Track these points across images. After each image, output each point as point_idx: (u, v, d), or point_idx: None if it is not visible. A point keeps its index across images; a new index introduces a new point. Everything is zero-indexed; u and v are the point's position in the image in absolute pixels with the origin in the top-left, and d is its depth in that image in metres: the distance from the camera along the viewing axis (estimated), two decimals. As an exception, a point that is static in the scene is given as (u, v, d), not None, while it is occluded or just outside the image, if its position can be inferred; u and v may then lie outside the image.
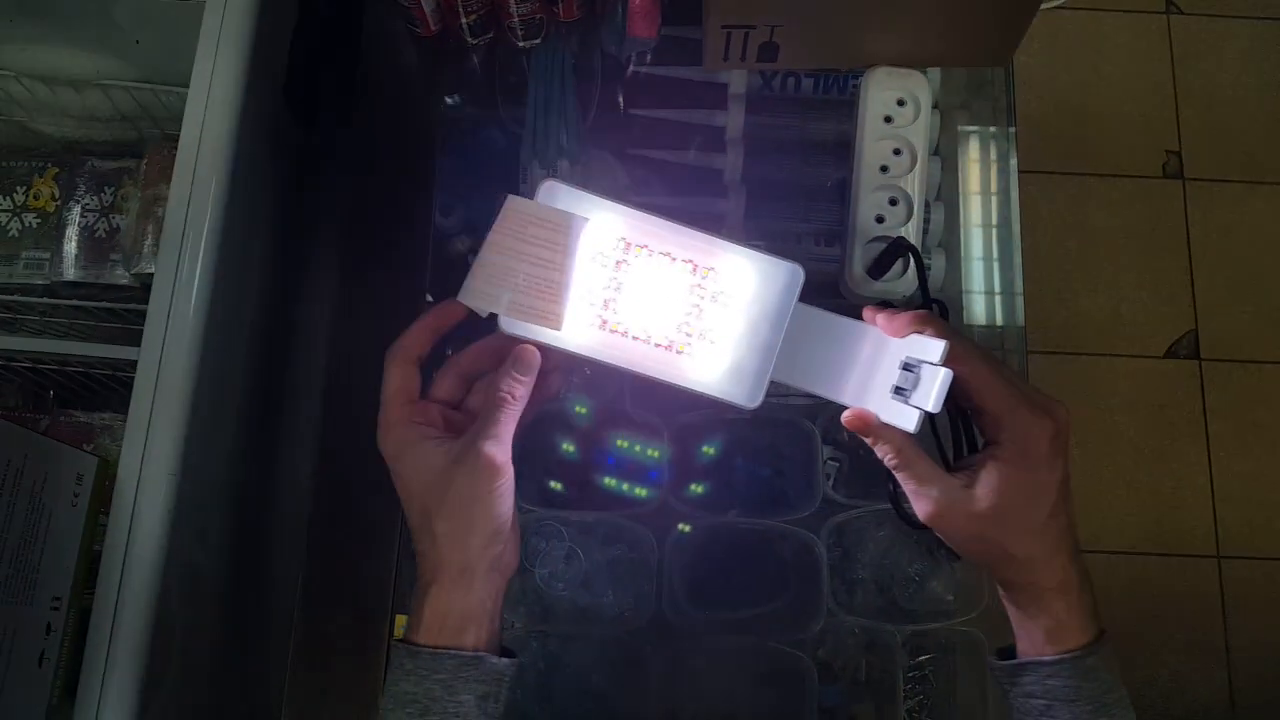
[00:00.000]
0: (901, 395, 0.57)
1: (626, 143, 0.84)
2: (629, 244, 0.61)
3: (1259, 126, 2.00)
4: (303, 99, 0.85)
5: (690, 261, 0.61)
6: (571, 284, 0.59)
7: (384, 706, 0.56)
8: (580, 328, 0.61)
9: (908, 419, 0.56)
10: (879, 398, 0.59)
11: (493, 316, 0.59)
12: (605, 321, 0.61)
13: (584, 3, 0.80)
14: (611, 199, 0.60)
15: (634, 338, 0.61)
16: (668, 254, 0.61)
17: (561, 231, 0.59)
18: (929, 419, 0.57)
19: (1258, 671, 1.75)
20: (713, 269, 0.61)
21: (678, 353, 0.62)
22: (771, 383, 0.62)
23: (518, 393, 0.58)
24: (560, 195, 0.60)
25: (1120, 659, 0.58)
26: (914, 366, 0.57)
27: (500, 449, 0.56)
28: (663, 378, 0.61)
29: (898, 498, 0.67)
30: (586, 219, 0.59)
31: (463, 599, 0.56)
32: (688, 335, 0.61)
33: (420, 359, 0.61)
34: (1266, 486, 1.83)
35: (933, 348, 0.55)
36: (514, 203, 0.59)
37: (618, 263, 0.61)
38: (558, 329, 0.59)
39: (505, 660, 0.57)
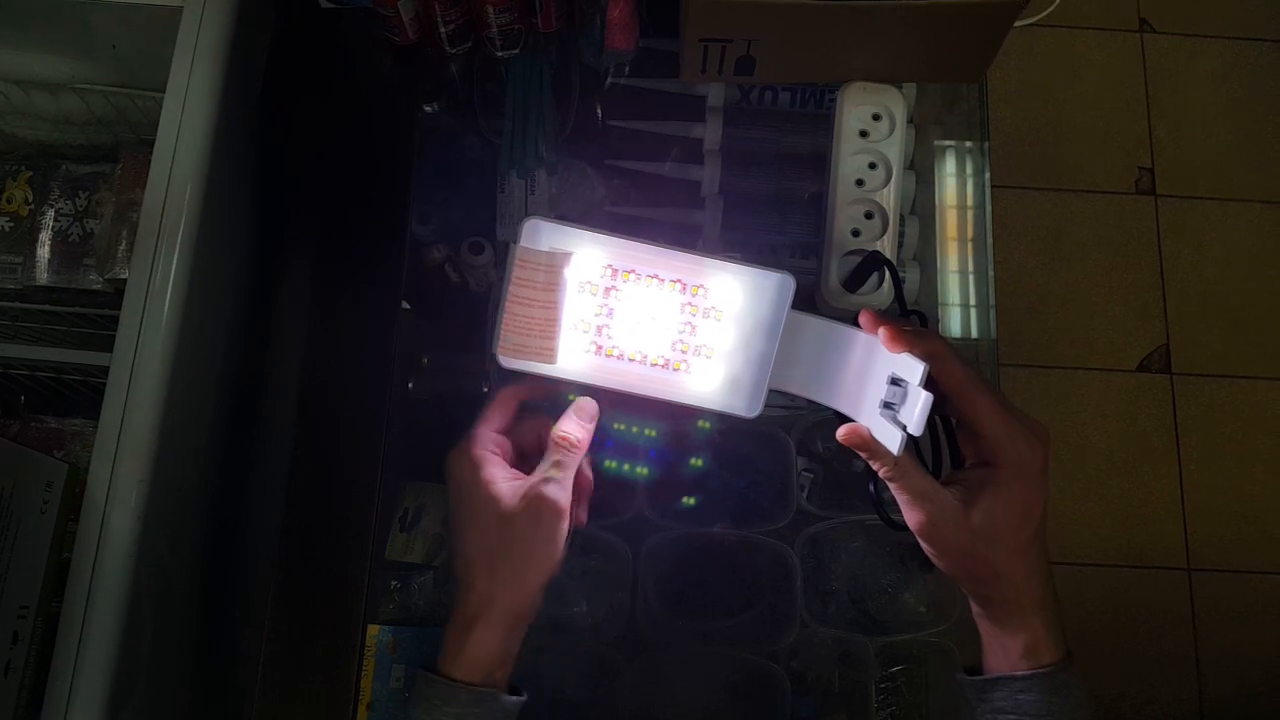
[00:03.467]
0: (890, 410, 0.57)
1: (604, 154, 0.84)
2: (615, 270, 0.61)
3: (1230, 144, 2.03)
4: (280, 102, 0.85)
5: (679, 281, 0.62)
6: (561, 319, 0.60)
7: None
8: (575, 355, 0.62)
9: (892, 439, 0.56)
10: (869, 409, 0.59)
11: None
12: (600, 347, 0.62)
13: (563, 14, 0.80)
14: (594, 229, 0.60)
15: (630, 360, 0.62)
16: (655, 276, 0.61)
17: (546, 270, 0.59)
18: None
19: (1227, 684, 1.77)
20: (702, 286, 0.62)
21: (674, 370, 0.63)
22: (769, 391, 0.63)
23: (577, 437, 0.60)
24: (543, 232, 0.60)
25: (1089, 673, 0.59)
26: (901, 383, 0.57)
27: (564, 494, 0.58)
28: (662, 396, 0.62)
29: (880, 500, 0.67)
30: (570, 253, 0.60)
31: (503, 642, 0.58)
32: (683, 352, 0.62)
33: (524, 405, 0.64)
34: (1236, 500, 1.85)
35: (914, 369, 0.55)
36: (519, 253, 0.60)
37: (607, 289, 0.61)
38: (552, 363, 0.61)
39: (514, 699, 0.58)
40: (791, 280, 0.61)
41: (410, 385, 0.83)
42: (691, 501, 0.80)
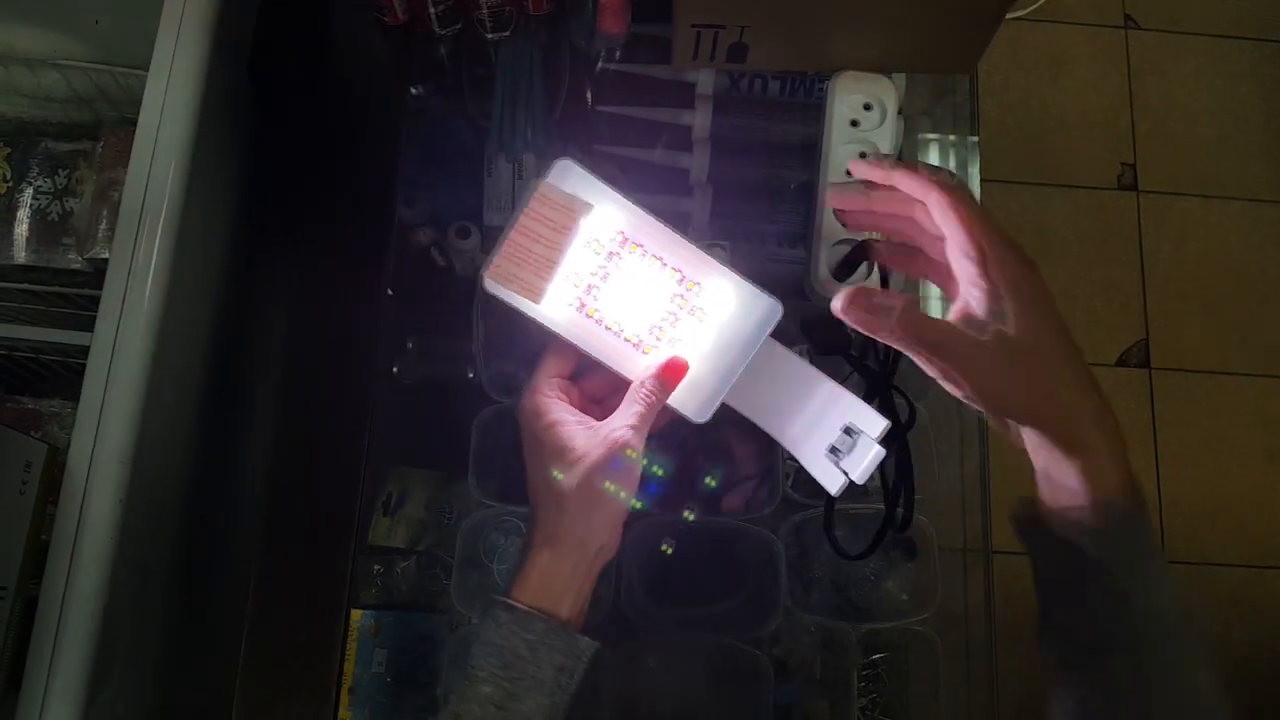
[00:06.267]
0: (834, 456, 0.60)
1: (593, 139, 0.84)
2: (625, 239, 0.62)
3: (1211, 141, 2.05)
4: (267, 82, 0.84)
5: (679, 271, 0.62)
6: (561, 264, 0.61)
7: (471, 653, 0.57)
8: (557, 304, 0.62)
9: (832, 481, 0.58)
10: (813, 451, 0.61)
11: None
12: (584, 305, 0.62)
13: (554, -3, 0.80)
14: (620, 191, 0.61)
15: (606, 327, 0.63)
16: (659, 258, 0.62)
17: (563, 213, 0.60)
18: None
19: (1199, 674, 1.79)
20: (698, 284, 0.62)
21: (643, 352, 0.63)
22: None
23: (659, 395, 0.61)
24: (571, 176, 0.61)
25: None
26: (855, 433, 0.59)
27: (640, 441, 0.59)
28: (622, 372, 0.63)
29: (832, 522, 0.70)
30: (591, 206, 0.60)
31: (570, 570, 0.58)
32: (657, 339, 0.63)
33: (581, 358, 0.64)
34: (1212, 494, 1.87)
35: (875, 423, 0.58)
36: (542, 188, 0.60)
37: (610, 254, 0.62)
38: (536, 302, 0.61)
39: (588, 640, 0.58)
40: (780, 309, 0.62)
41: (395, 369, 0.82)
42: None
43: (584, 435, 0.60)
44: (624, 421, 0.60)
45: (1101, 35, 2.09)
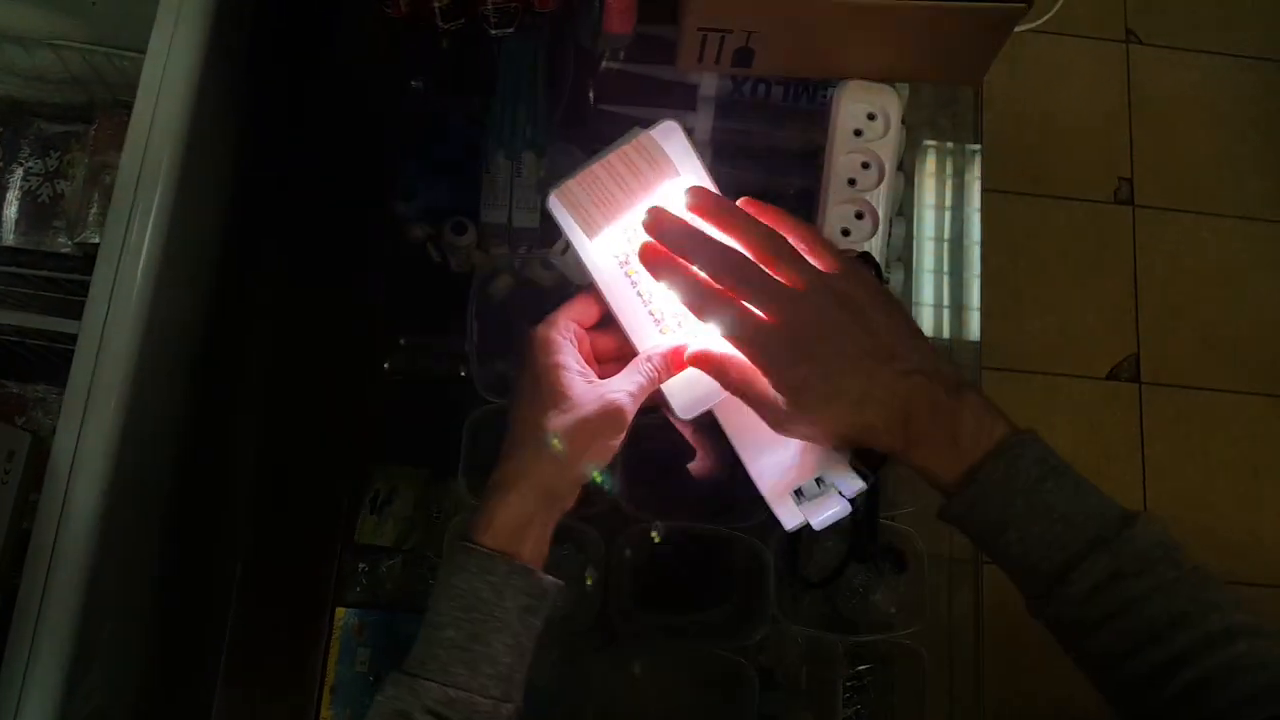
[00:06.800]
0: (796, 497, 0.61)
1: (594, 139, 0.83)
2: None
3: (1208, 159, 2.05)
4: (265, 69, 0.83)
5: None
6: (627, 214, 0.61)
7: (433, 595, 0.57)
8: (605, 251, 0.63)
9: (790, 518, 0.60)
10: (777, 487, 0.62)
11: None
12: (628, 261, 0.63)
13: (560, -6, 0.79)
14: (709, 175, 0.62)
15: (638, 293, 0.63)
16: None
17: (653, 168, 0.61)
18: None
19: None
20: None
21: (660, 330, 0.63)
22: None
23: (662, 374, 0.62)
24: (674, 141, 0.62)
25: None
26: (826, 485, 0.60)
27: (633, 410, 0.60)
28: (634, 339, 0.63)
29: (795, 551, 0.73)
30: (679, 175, 0.61)
31: (531, 513, 0.58)
32: (678, 324, 0.63)
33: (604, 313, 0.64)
34: (1198, 510, 1.88)
35: (850, 483, 0.59)
36: (643, 137, 0.61)
37: None
38: (590, 238, 0.61)
39: (552, 579, 0.59)
40: None
41: (386, 365, 0.81)
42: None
43: (582, 386, 0.59)
44: (623, 387, 0.60)
45: (1102, 48, 2.10)
